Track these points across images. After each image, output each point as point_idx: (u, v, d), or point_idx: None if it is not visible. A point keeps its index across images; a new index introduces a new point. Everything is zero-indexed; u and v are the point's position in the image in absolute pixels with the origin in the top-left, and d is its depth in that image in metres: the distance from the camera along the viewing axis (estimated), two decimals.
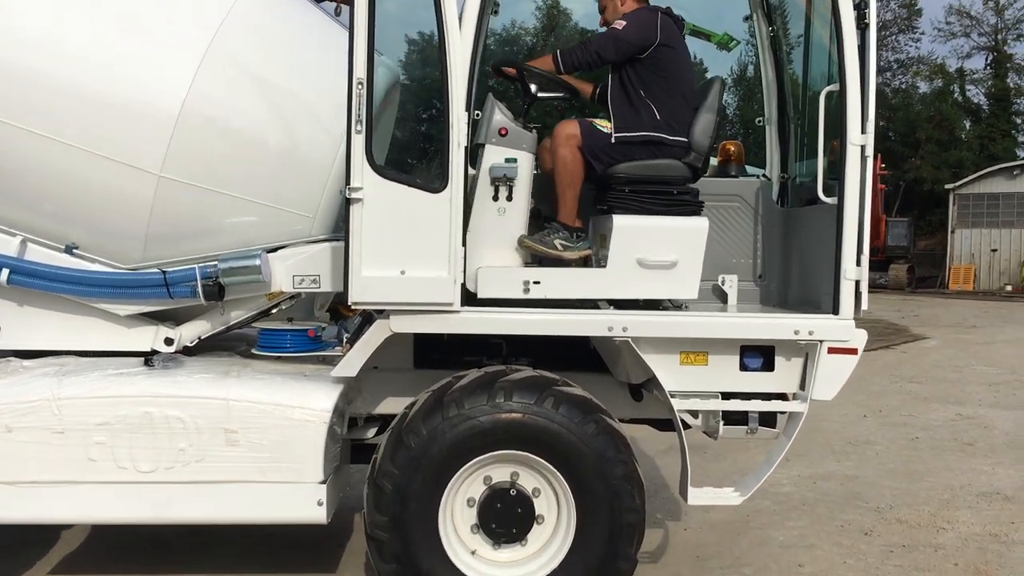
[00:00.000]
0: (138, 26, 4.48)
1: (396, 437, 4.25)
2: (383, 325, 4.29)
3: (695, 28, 6.47)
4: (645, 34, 4.61)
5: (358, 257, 4.15)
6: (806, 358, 4.47)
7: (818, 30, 4.98)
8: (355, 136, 4.11)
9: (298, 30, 4.96)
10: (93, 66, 4.36)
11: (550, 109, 5.45)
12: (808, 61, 5.18)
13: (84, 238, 4.60)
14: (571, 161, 4.56)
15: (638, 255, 4.40)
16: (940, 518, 6.62)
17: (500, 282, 4.36)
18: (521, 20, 40.80)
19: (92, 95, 4.34)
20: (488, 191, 4.45)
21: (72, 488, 4.17)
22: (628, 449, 4.32)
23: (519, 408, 4.22)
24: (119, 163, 4.38)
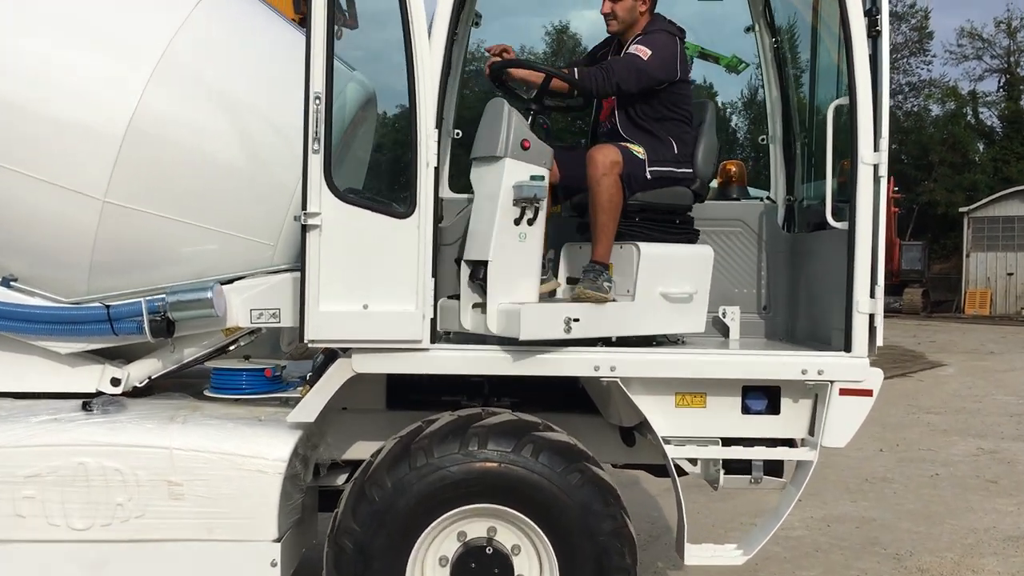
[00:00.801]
0: (82, 38, 4.13)
1: (358, 490, 3.82)
2: (344, 365, 3.88)
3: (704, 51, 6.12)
4: (669, 69, 4.29)
5: (315, 289, 3.75)
6: (815, 400, 4.03)
7: (826, 40, 4.57)
8: (312, 156, 3.72)
9: (261, 43, 4.59)
10: (31, 80, 4.00)
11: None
12: (815, 74, 4.77)
13: (23, 269, 4.23)
14: (616, 191, 4.10)
15: (661, 287, 4.13)
16: (964, 567, 6.14)
17: (544, 322, 3.83)
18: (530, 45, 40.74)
19: (30, 112, 3.99)
20: (511, 214, 3.86)
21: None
22: (618, 501, 3.88)
23: (495, 457, 3.79)
24: (60, 187, 4.01)
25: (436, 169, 3.83)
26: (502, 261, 3.84)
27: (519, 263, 3.91)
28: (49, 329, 4.11)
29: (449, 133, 5.09)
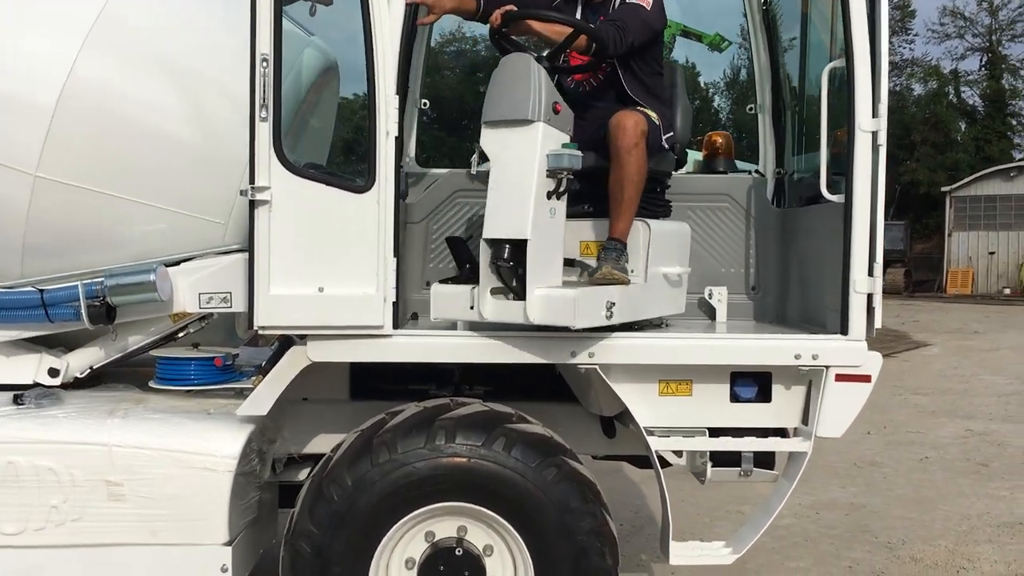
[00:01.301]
0: (8, 4, 3.77)
1: (316, 488, 3.52)
2: (299, 353, 3.56)
3: (686, 29, 5.82)
4: (663, 18, 4.01)
5: (265, 271, 3.43)
6: (809, 386, 3.75)
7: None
8: (259, 124, 3.39)
9: (212, 7, 4.24)
10: None
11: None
12: (806, 36, 4.45)
13: None
14: (645, 162, 3.75)
15: (662, 266, 3.89)
16: (959, 555, 5.90)
17: (592, 308, 3.44)
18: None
19: None
20: (544, 187, 3.44)
21: None
22: (597, 497, 3.59)
23: (464, 451, 3.49)
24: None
25: (399, 140, 3.50)
26: (539, 240, 3.41)
27: (551, 242, 3.54)
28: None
29: (416, 103, 4.78)
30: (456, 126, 34.39)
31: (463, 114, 35.63)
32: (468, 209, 4.38)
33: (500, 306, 3.47)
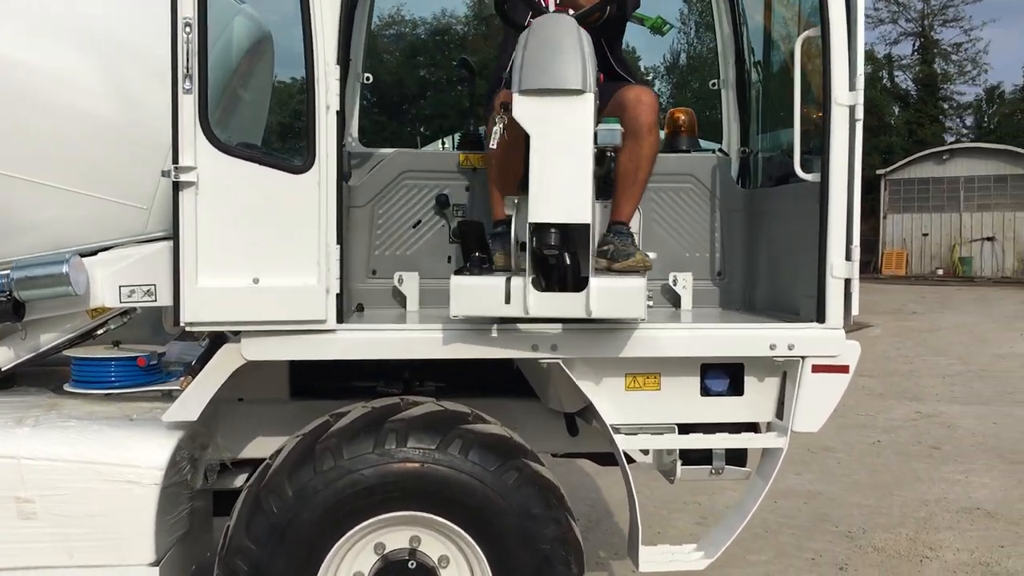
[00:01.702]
0: None
1: (253, 500, 3.19)
2: (232, 351, 3.23)
3: None
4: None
5: (192, 262, 3.08)
6: (783, 378, 3.52)
7: None
8: (183, 96, 3.04)
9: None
10: None
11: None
12: (771, 7, 4.22)
13: None
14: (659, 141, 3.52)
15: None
16: (921, 543, 5.78)
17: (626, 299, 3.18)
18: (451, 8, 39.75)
19: None
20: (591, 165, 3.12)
21: None
22: (561, 502, 3.32)
23: (416, 456, 3.20)
24: None
25: (340, 115, 3.17)
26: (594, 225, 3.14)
27: (596, 228, 3.25)
28: None
29: (358, 77, 4.44)
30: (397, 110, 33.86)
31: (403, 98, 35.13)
32: (417, 191, 4.07)
33: (549, 300, 3.14)
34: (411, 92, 35.77)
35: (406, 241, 4.08)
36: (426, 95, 36.91)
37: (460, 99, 36.70)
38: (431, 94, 36.80)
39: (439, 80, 37.34)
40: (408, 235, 4.08)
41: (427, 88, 37.08)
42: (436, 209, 4.08)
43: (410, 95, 35.94)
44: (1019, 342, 16.10)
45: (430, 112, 33.72)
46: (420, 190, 4.08)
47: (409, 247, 4.08)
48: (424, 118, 33.45)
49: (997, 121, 49.32)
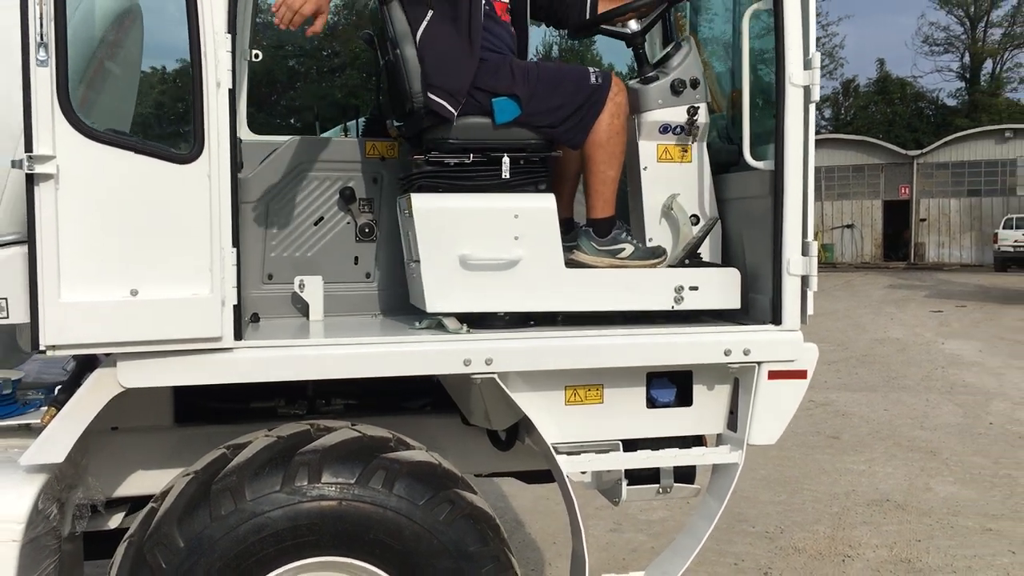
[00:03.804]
0: None
1: (135, 555, 2.67)
2: (106, 377, 2.68)
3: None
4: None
5: (53, 271, 2.53)
6: (735, 385, 3.22)
7: None
8: (37, 71, 2.48)
9: None
10: None
11: None
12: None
13: None
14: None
15: None
16: (839, 541, 5.66)
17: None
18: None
19: None
20: None
21: None
22: (498, 534, 2.92)
23: (333, 492, 2.73)
24: None
25: (232, 94, 2.67)
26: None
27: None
28: None
29: (244, 55, 3.92)
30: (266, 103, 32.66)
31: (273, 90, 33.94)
32: (318, 184, 3.58)
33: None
34: (280, 84, 34.65)
35: (307, 241, 3.59)
36: (296, 86, 35.84)
37: (332, 89, 35.90)
38: (300, 85, 35.75)
39: (309, 70, 36.28)
40: (309, 234, 3.59)
41: (296, 79, 36.01)
42: (340, 204, 3.60)
43: (279, 87, 34.82)
44: (892, 327, 16.65)
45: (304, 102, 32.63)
46: (321, 183, 3.59)
47: (310, 248, 3.59)
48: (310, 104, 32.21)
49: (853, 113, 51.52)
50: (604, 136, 3.11)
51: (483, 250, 3.03)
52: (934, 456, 7.64)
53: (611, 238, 3.15)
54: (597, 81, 3.09)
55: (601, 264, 3.12)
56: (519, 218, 3.07)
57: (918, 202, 40.26)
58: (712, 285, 3.18)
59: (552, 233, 3.09)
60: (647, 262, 3.14)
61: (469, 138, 3.13)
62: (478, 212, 3.08)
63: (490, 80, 3.13)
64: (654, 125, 3.30)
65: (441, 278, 3.03)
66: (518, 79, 3.10)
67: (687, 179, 3.34)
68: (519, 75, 3.11)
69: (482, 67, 3.13)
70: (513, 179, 3.15)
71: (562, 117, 3.10)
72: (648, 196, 3.33)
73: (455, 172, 3.13)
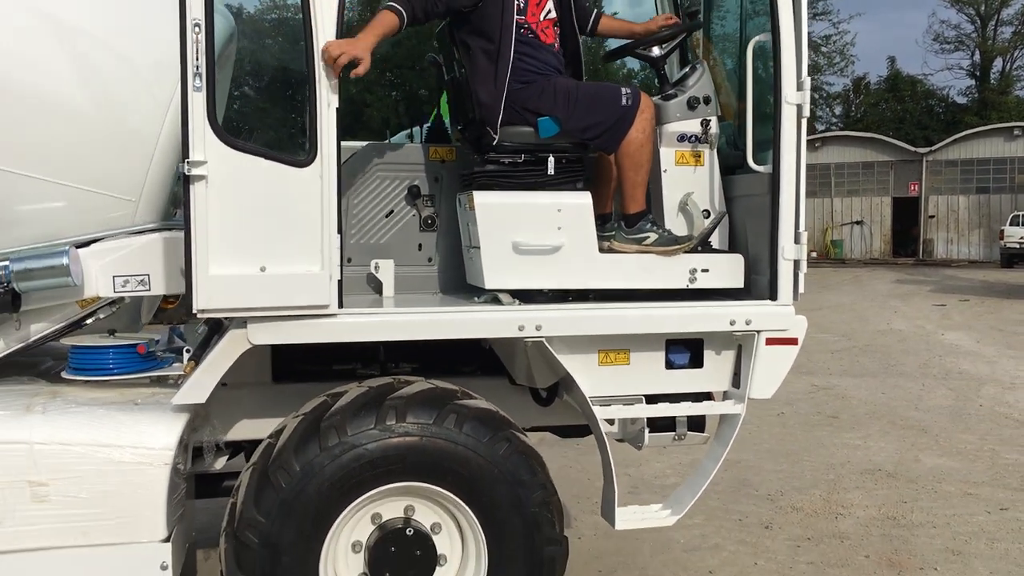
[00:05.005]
0: None
1: (261, 477, 3.36)
2: (239, 336, 3.38)
3: None
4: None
5: (204, 251, 3.22)
6: (739, 351, 3.90)
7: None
8: (193, 94, 3.17)
9: None
10: None
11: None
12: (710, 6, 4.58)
13: None
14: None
15: None
16: (834, 503, 6.32)
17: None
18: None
19: None
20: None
21: None
22: (544, 469, 3.61)
23: (415, 430, 3.43)
24: None
25: (338, 111, 3.37)
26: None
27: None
28: None
29: None
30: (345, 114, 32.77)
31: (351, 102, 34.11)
32: (388, 183, 4.26)
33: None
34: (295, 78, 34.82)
35: (379, 230, 4.28)
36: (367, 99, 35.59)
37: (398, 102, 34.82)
38: (371, 97, 35.47)
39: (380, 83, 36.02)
40: (381, 224, 4.28)
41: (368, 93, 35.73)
42: (407, 199, 4.29)
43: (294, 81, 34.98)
44: (895, 319, 17.26)
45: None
46: (392, 181, 4.28)
47: (382, 236, 4.28)
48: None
49: (864, 111, 51.91)
50: (633, 147, 3.79)
51: (531, 238, 3.72)
52: (925, 433, 8.29)
53: (637, 227, 3.83)
54: (628, 102, 3.77)
55: (628, 250, 3.80)
56: (561, 212, 3.76)
57: (927, 199, 40.67)
58: (720, 268, 3.85)
59: (588, 224, 3.78)
60: (669, 248, 3.80)
61: (519, 144, 3.82)
62: (527, 207, 3.76)
63: (534, 102, 3.81)
64: (673, 135, 3.98)
65: (497, 261, 3.72)
66: (559, 102, 3.79)
67: (700, 180, 4.01)
68: (560, 98, 3.79)
69: (528, 90, 3.81)
70: (556, 178, 3.84)
71: (597, 133, 3.79)
72: (667, 194, 4.01)
73: (508, 172, 3.81)
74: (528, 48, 3.87)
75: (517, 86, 3.78)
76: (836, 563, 5.24)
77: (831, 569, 5.16)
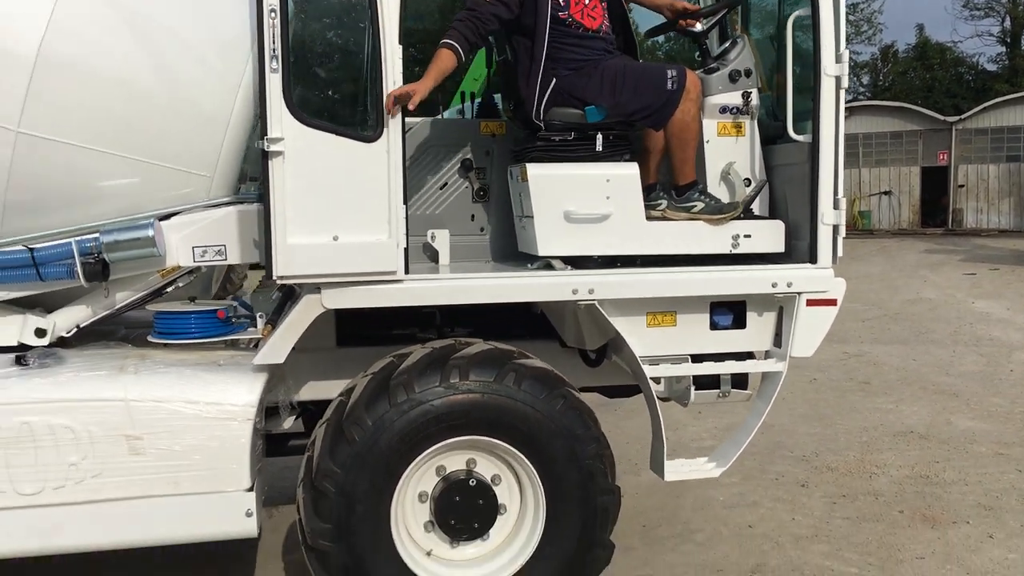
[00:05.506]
0: None
1: (335, 431, 3.62)
2: (313, 301, 3.63)
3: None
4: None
5: (282, 222, 3.47)
6: (779, 312, 4.11)
7: None
8: (270, 76, 3.41)
9: None
10: None
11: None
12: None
13: None
14: None
15: None
16: (867, 463, 6.52)
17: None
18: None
19: None
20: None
21: None
22: (597, 425, 3.85)
23: (477, 388, 3.67)
24: None
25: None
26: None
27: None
28: None
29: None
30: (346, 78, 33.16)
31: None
32: (443, 156, 4.49)
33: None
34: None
35: (434, 201, 4.51)
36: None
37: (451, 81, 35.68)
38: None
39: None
40: (436, 196, 4.51)
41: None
42: (460, 172, 4.52)
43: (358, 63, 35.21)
44: (925, 289, 17.31)
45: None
46: (446, 155, 4.50)
47: (437, 207, 4.51)
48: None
49: (892, 79, 51.41)
50: (680, 126, 3.99)
51: (582, 207, 3.93)
52: (956, 397, 8.45)
53: (686, 197, 4.03)
54: (673, 85, 3.96)
55: (679, 218, 4.00)
56: (610, 182, 3.97)
57: (956, 168, 40.35)
58: (762, 233, 4.05)
59: (635, 194, 3.99)
60: (716, 216, 4.00)
61: (568, 124, 4.03)
62: (578, 178, 3.98)
63: (581, 91, 4.02)
64: (715, 107, 4.17)
65: (549, 229, 3.94)
66: (605, 89, 3.99)
67: (741, 150, 4.20)
68: (607, 85, 3.99)
69: (576, 78, 4.02)
70: (605, 151, 4.04)
71: (644, 115, 3.99)
72: (710, 164, 4.21)
73: (559, 146, 4.02)
74: (574, 39, 4.06)
75: (565, 73, 3.99)
76: (871, 518, 5.45)
77: (866, 523, 5.37)
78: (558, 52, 3.98)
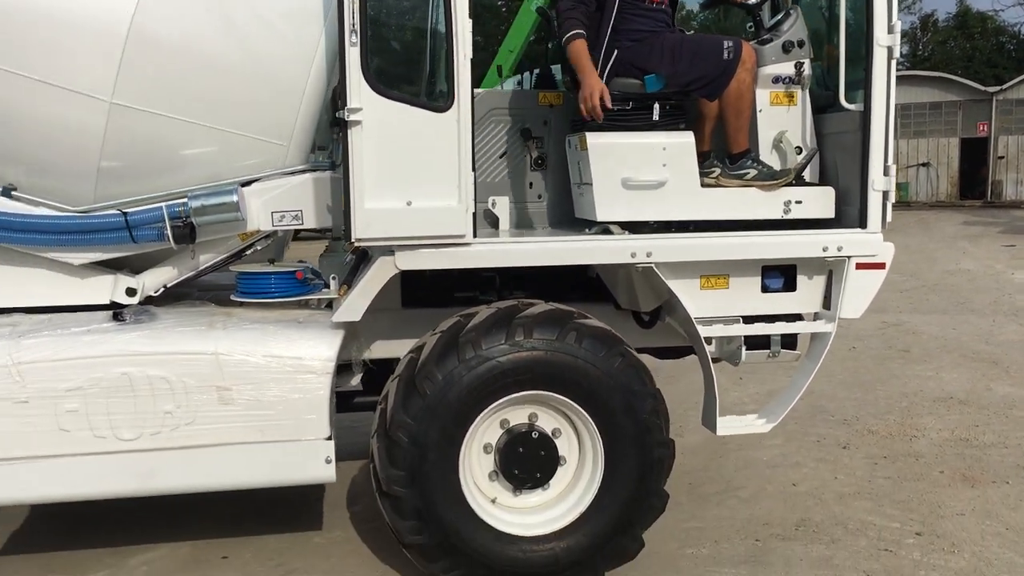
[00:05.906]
0: None
1: (407, 385, 3.85)
2: (387, 263, 3.86)
3: None
4: None
5: (360, 187, 3.69)
6: (829, 275, 4.27)
7: None
8: (350, 49, 3.62)
9: None
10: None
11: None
12: None
13: (23, 178, 4.00)
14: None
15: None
16: (908, 426, 6.68)
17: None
18: None
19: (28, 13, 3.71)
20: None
21: (43, 463, 3.64)
22: (653, 381, 4.05)
23: (541, 345, 3.88)
24: (64, 89, 3.79)
25: (471, 62, 3.78)
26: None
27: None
28: (62, 239, 3.92)
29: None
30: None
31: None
32: (503, 125, 4.68)
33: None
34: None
35: (494, 169, 4.71)
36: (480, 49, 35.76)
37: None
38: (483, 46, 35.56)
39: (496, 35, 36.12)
40: (496, 164, 4.71)
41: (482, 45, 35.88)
42: (519, 141, 4.70)
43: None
44: (963, 260, 17.28)
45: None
46: (505, 125, 4.69)
47: (497, 175, 4.70)
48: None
49: (931, 49, 50.67)
50: (734, 96, 4.15)
51: (639, 174, 4.12)
52: (996, 365, 8.56)
53: (739, 164, 4.20)
54: (729, 56, 4.12)
55: (732, 185, 4.17)
56: (666, 150, 4.15)
57: (996, 139, 39.79)
58: (813, 200, 4.22)
59: (691, 161, 4.16)
60: (769, 183, 4.17)
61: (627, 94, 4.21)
62: (636, 146, 4.16)
63: (642, 61, 4.20)
64: (768, 77, 4.32)
65: (607, 195, 4.12)
66: (664, 60, 4.16)
67: (793, 119, 4.36)
68: (667, 55, 4.16)
69: (637, 48, 4.19)
70: (661, 120, 4.22)
71: (700, 85, 4.16)
72: (762, 132, 4.37)
73: (618, 115, 4.20)
74: (638, 11, 4.25)
75: (628, 44, 4.17)
76: (912, 478, 5.62)
77: (907, 483, 5.54)
78: (622, 23, 4.16)
